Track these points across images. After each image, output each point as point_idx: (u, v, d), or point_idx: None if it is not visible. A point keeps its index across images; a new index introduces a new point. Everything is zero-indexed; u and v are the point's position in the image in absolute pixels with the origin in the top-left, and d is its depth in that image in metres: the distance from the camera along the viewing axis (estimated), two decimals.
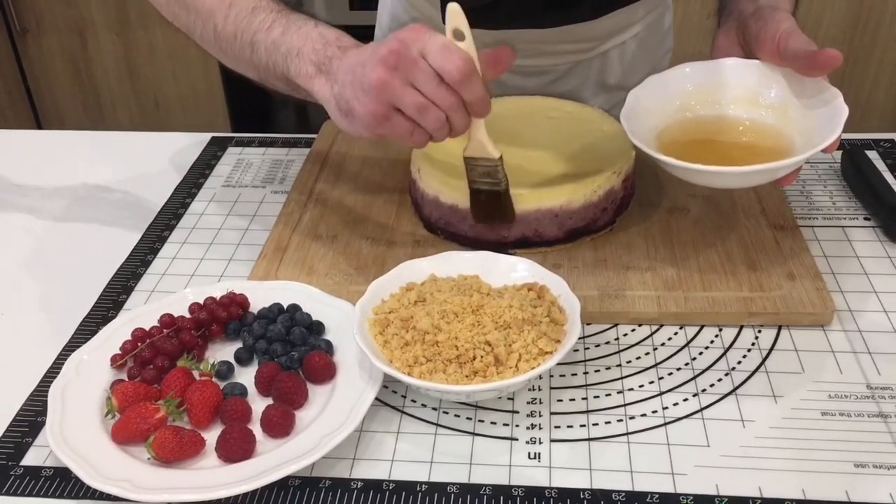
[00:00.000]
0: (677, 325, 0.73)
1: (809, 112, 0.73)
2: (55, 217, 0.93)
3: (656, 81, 0.78)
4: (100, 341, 0.70)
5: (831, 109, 0.70)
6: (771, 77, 0.75)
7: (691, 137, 0.76)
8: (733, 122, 0.77)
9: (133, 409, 0.62)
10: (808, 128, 0.72)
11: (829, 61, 0.69)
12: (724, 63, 0.77)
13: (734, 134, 0.77)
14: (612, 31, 0.99)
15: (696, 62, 0.78)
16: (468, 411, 0.66)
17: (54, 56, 2.01)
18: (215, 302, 0.73)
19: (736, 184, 0.74)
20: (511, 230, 0.79)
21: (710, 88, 0.78)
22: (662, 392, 0.66)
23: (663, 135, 0.76)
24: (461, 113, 0.66)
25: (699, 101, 0.78)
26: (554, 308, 0.68)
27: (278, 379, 0.65)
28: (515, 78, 1.01)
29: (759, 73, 0.76)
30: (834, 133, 0.67)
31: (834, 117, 0.69)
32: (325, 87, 0.69)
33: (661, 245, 0.80)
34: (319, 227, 0.85)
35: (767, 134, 0.75)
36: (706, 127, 0.77)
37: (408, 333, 0.66)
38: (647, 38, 1.04)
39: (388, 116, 0.65)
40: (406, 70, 0.64)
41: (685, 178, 0.70)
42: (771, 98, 0.76)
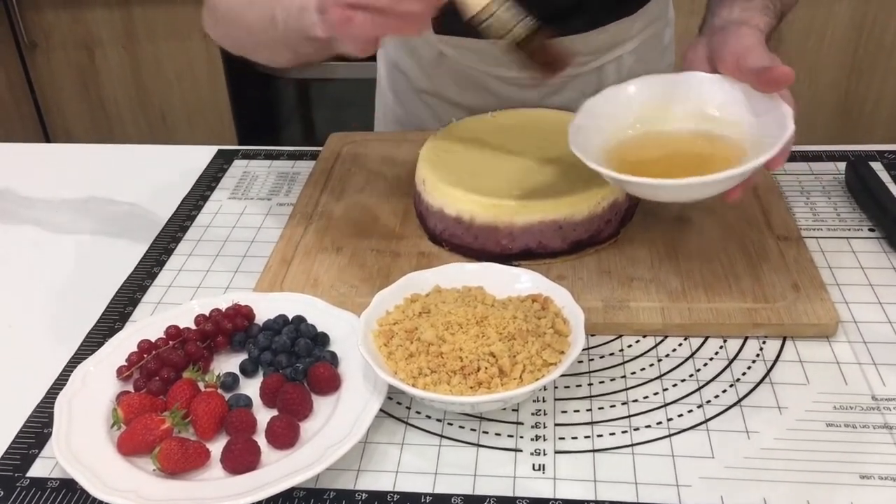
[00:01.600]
0: (682, 337, 0.73)
1: (762, 129, 0.71)
2: (62, 229, 0.93)
3: (609, 94, 0.77)
4: (106, 353, 0.71)
5: (779, 128, 0.68)
6: (729, 93, 0.74)
7: (644, 151, 0.75)
8: (685, 137, 0.76)
9: (139, 421, 0.63)
10: (758, 144, 0.70)
11: (781, 78, 0.68)
12: (683, 77, 0.77)
13: (685, 148, 0.75)
14: (608, 45, 1.00)
15: (655, 75, 0.78)
16: (472, 422, 0.66)
17: (62, 70, 2.03)
18: (221, 313, 0.73)
19: (675, 196, 0.72)
20: (515, 242, 0.79)
21: (667, 102, 0.77)
22: (667, 403, 0.66)
23: (616, 149, 0.75)
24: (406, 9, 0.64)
25: (654, 115, 0.77)
26: (558, 319, 0.68)
27: (283, 390, 0.65)
28: (512, 90, 1.02)
29: (717, 88, 0.74)
30: (773, 149, 0.66)
31: (779, 136, 0.67)
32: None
33: (665, 256, 0.80)
34: (324, 240, 0.85)
35: (722, 149, 0.74)
36: (657, 142, 0.76)
37: (412, 345, 0.66)
38: (646, 53, 1.04)
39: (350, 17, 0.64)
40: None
41: (629, 190, 0.70)
42: (728, 114, 0.74)
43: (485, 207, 0.79)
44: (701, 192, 0.69)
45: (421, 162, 0.86)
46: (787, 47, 1.79)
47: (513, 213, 0.78)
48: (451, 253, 0.82)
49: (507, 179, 0.82)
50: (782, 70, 0.69)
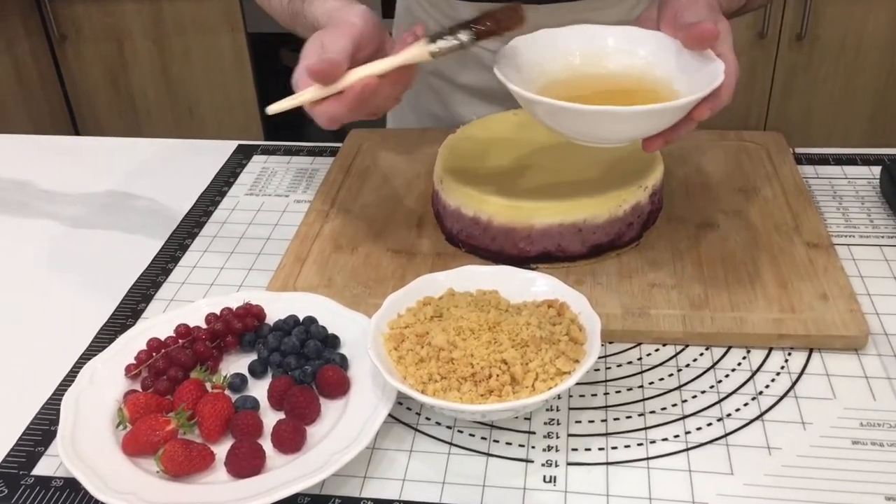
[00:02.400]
0: (703, 346, 0.70)
1: (693, 85, 0.69)
2: (78, 223, 0.93)
3: (543, 35, 0.76)
4: (115, 350, 0.70)
5: (710, 79, 0.67)
6: (665, 49, 0.72)
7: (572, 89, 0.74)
8: (616, 84, 0.75)
9: (144, 421, 0.62)
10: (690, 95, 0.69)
11: (703, 34, 0.67)
12: (619, 30, 0.76)
13: (616, 91, 0.75)
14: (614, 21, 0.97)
15: (591, 25, 0.77)
16: (483, 431, 0.64)
17: (92, 63, 2.04)
18: (231, 313, 0.72)
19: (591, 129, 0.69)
20: (533, 245, 0.77)
21: (600, 53, 0.76)
22: (685, 416, 0.64)
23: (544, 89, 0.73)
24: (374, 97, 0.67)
25: (585, 63, 0.76)
26: (573, 326, 0.66)
27: (290, 393, 0.64)
28: None
29: (653, 44, 0.74)
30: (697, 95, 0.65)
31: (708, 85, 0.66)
32: None
33: (688, 262, 0.78)
34: (340, 238, 0.84)
35: (651, 98, 0.72)
36: (588, 83, 0.75)
37: (423, 349, 0.64)
38: None
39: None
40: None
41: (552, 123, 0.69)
42: (658, 69, 0.73)
43: (503, 209, 0.77)
44: (621, 126, 0.68)
45: (439, 160, 0.84)
46: (823, 45, 1.74)
47: (531, 215, 0.76)
48: (467, 254, 0.81)
49: (526, 180, 0.80)
50: (705, 26, 0.67)
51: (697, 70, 0.70)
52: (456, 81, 1.05)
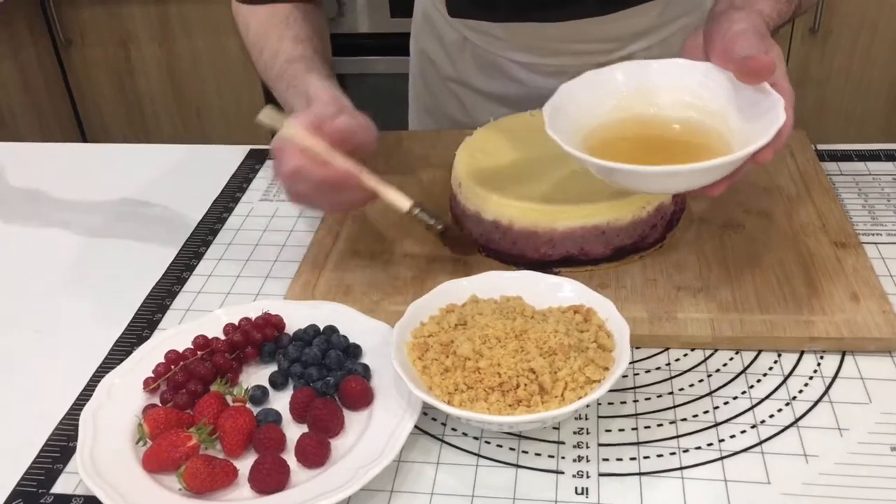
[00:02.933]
0: (732, 350, 0.69)
1: (749, 120, 0.66)
2: (92, 233, 0.92)
3: (591, 77, 0.73)
4: (133, 363, 0.69)
5: (769, 118, 0.63)
6: (716, 81, 0.69)
7: (623, 139, 0.71)
8: (668, 125, 0.72)
9: (164, 437, 0.61)
10: (746, 137, 0.65)
11: (760, 68, 0.64)
12: (667, 63, 0.72)
13: (667, 137, 0.71)
14: (634, 32, 0.96)
15: (639, 61, 0.74)
16: (511, 441, 0.63)
17: (98, 67, 2.03)
18: (250, 323, 0.71)
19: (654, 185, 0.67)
20: (555, 248, 0.76)
21: (649, 89, 0.72)
22: (718, 423, 0.63)
23: (593, 136, 0.70)
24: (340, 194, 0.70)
25: (634, 102, 0.72)
26: (601, 332, 0.64)
27: (313, 406, 0.63)
28: (537, 78, 0.99)
29: (703, 75, 0.70)
30: (763, 140, 0.61)
31: (770, 125, 0.62)
32: None
33: (714, 264, 0.76)
34: (358, 244, 0.83)
35: (704, 139, 0.69)
36: (638, 129, 0.72)
37: (448, 359, 0.63)
38: (678, 44, 0.99)
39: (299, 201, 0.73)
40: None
41: (606, 179, 0.66)
42: (711, 103, 0.70)
43: (523, 212, 0.75)
44: (682, 182, 0.65)
45: (456, 163, 0.83)
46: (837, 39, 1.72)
47: (553, 219, 0.75)
48: (487, 259, 0.79)
49: (547, 182, 0.78)
50: (761, 60, 0.64)
51: (754, 104, 0.66)
52: (478, 88, 1.03)
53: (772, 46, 0.65)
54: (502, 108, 1.03)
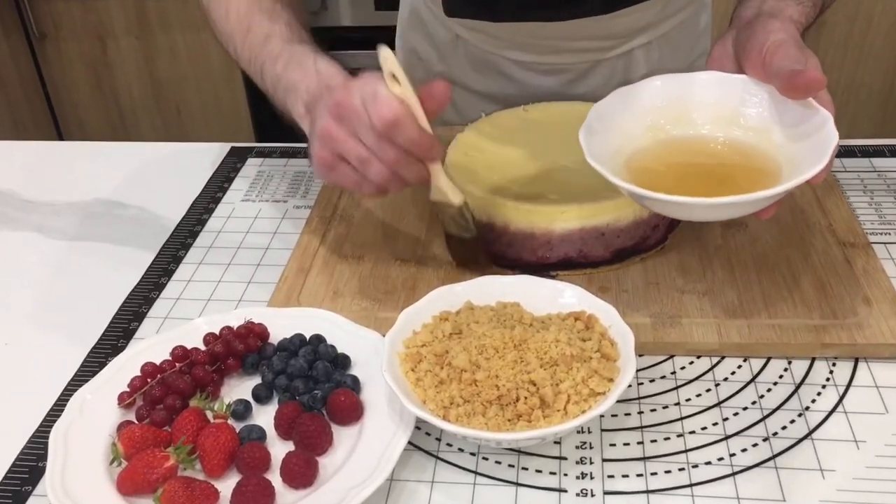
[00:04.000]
0: (740, 357, 0.66)
1: (795, 137, 0.63)
2: (65, 235, 0.87)
3: (623, 95, 0.68)
4: (106, 377, 0.65)
5: (820, 136, 0.60)
6: (756, 95, 0.65)
7: (663, 164, 0.67)
8: (710, 145, 0.67)
9: (140, 457, 0.57)
10: (794, 154, 0.62)
11: (810, 84, 0.60)
12: (702, 77, 0.68)
13: (710, 159, 0.67)
14: (636, 28, 0.92)
15: (671, 74, 0.69)
16: (510, 457, 0.59)
17: (73, 62, 1.97)
18: (232, 332, 0.67)
19: (705, 216, 0.64)
20: (553, 251, 0.72)
21: (686, 105, 0.68)
22: (728, 436, 0.59)
23: (633, 159, 0.66)
24: (407, 163, 0.63)
25: (672, 120, 0.68)
26: (605, 341, 0.61)
27: (300, 422, 0.59)
28: (533, 76, 0.95)
29: (741, 90, 0.66)
30: (820, 163, 0.57)
31: (820, 145, 0.59)
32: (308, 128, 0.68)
33: (718, 266, 0.73)
34: (344, 247, 0.79)
35: (749, 159, 0.65)
36: (679, 150, 0.67)
37: (442, 371, 0.59)
38: (678, 38, 0.97)
39: (333, 166, 0.64)
40: (349, 121, 0.62)
41: (652, 208, 0.62)
42: (753, 119, 0.66)
43: (520, 213, 0.72)
44: (736, 211, 0.61)
45: (447, 162, 0.79)
46: (831, 31, 1.69)
47: (551, 219, 0.71)
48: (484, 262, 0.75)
49: (544, 181, 0.75)
50: (810, 76, 0.59)
51: (799, 120, 0.62)
52: (470, 87, 0.99)
53: (810, 57, 0.62)
54: (494, 107, 1.00)
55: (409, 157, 0.63)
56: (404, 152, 0.62)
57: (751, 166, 0.65)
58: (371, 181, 0.64)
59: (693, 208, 0.59)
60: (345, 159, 0.63)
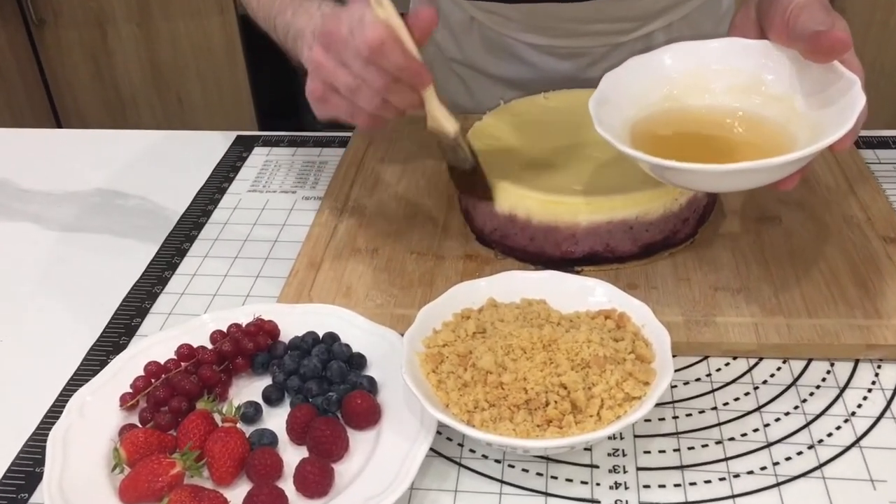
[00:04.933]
0: (779, 359, 0.62)
1: (819, 103, 0.60)
2: (64, 226, 0.84)
3: (638, 63, 0.66)
4: (108, 377, 0.61)
5: (845, 100, 0.57)
6: (777, 61, 0.62)
7: (674, 130, 0.64)
8: (726, 114, 0.65)
9: (144, 464, 0.53)
10: (817, 122, 0.59)
11: (835, 45, 0.56)
12: (721, 44, 0.65)
13: (726, 128, 0.64)
14: (655, 10, 0.89)
15: (688, 42, 0.66)
16: (538, 465, 0.55)
17: (73, 49, 1.93)
18: (240, 330, 0.63)
19: (717, 186, 0.61)
20: (578, 245, 0.69)
21: (703, 74, 0.65)
22: (770, 443, 0.56)
23: (639, 125, 0.64)
24: (397, 89, 0.61)
25: (687, 89, 0.66)
26: (639, 341, 0.57)
27: (314, 426, 0.55)
28: (549, 60, 0.92)
29: (761, 55, 0.63)
30: (843, 126, 0.54)
31: (846, 109, 0.56)
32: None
33: (752, 261, 0.69)
34: (358, 240, 0.75)
35: (767, 128, 0.63)
36: (693, 119, 0.65)
37: (466, 372, 0.56)
38: (700, 20, 0.93)
39: (325, 97, 0.64)
40: (337, 49, 0.61)
41: (662, 178, 0.59)
42: (774, 86, 0.63)
43: (544, 205, 0.68)
44: (753, 179, 0.57)
45: None
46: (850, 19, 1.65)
47: (577, 212, 0.68)
48: (503, 257, 0.72)
49: (568, 172, 0.71)
50: (836, 36, 0.56)
51: (824, 85, 0.59)
52: (485, 71, 0.96)
53: (838, 19, 0.58)
54: (510, 92, 0.96)
55: (398, 82, 0.61)
56: (392, 77, 0.60)
57: (770, 134, 0.62)
58: (363, 109, 0.62)
59: (700, 176, 0.56)
60: (335, 89, 0.62)
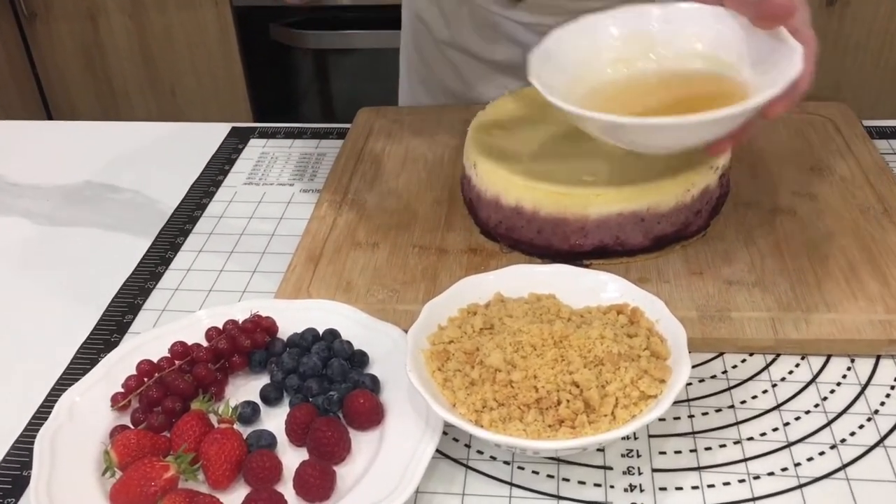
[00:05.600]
0: (797, 355, 0.60)
1: (764, 70, 0.60)
2: (54, 221, 0.81)
3: (587, 24, 0.65)
4: (98, 376, 0.58)
5: (784, 67, 0.57)
6: (730, 28, 0.62)
7: (626, 96, 0.64)
8: (675, 79, 0.65)
9: (136, 467, 0.50)
10: (759, 89, 0.59)
11: (776, 11, 0.57)
12: (675, 9, 0.65)
13: (674, 91, 0.64)
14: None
15: (640, 5, 0.66)
16: (549, 467, 0.53)
17: (64, 42, 1.90)
18: (237, 327, 0.60)
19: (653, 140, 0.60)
20: (587, 238, 0.66)
21: (654, 39, 0.65)
22: (791, 443, 0.53)
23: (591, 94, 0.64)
24: None
25: (637, 52, 0.66)
26: (653, 338, 0.55)
27: (315, 427, 0.53)
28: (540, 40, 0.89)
29: (714, 22, 0.63)
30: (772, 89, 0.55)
31: (782, 77, 0.56)
32: None
33: (766, 254, 0.67)
34: (358, 233, 0.73)
35: (716, 94, 0.62)
36: (645, 85, 0.65)
37: (473, 370, 0.53)
38: None
39: None
40: None
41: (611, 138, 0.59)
42: (725, 54, 0.63)
43: (552, 196, 0.66)
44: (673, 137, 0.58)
45: (470, 142, 0.73)
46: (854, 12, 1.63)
47: (586, 204, 0.65)
48: (508, 250, 0.69)
49: (577, 162, 0.68)
50: (776, 2, 0.57)
51: (769, 53, 0.59)
52: (477, 54, 0.93)
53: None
54: (502, 77, 0.94)
55: None
56: None
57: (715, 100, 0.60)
58: None
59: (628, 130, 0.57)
60: None
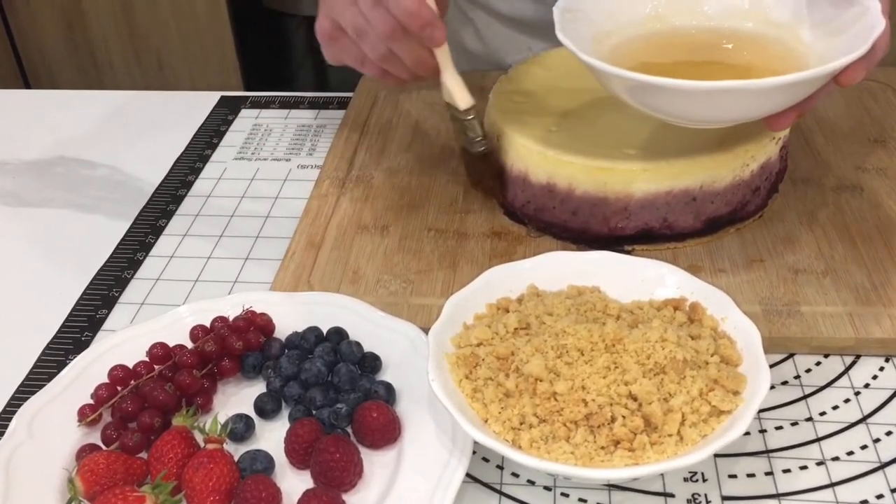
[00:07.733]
0: (881, 357, 0.52)
1: (830, 32, 0.53)
2: (20, 201, 0.72)
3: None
4: (64, 384, 0.50)
5: (859, 26, 0.50)
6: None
7: (660, 55, 0.58)
8: (719, 40, 0.59)
9: (107, 497, 0.42)
10: (825, 53, 0.53)
11: None
12: None
13: (723, 53, 0.58)
14: None
15: None
16: (598, 494, 0.45)
17: (44, 10, 1.81)
18: (227, 325, 0.52)
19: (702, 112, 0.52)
20: (630, 220, 0.58)
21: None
22: (884, 464, 0.45)
23: (621, 49, 0.58)
24: (405, 38, 0.57)
25: (677, 8, 0.60)
26: (722, 340, 0.47)
27: (320, 448, 0.44)
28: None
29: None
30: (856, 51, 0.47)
31: (859, 36, 0.49)
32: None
33: (835, 238, 0.59)
34: (364, 215, 0.64)
35: (768, 58, 0.56)
36: (684, 43, 0.59)
37: (508, 379, 0.45)
38: None
39: (333, 36, 0.61)
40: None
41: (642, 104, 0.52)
42: (778, 13, 0.57)
43: (590, 172, 0.57)
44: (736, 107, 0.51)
45: (492, 110, 0.64)
46: None
47: (630, 181, 0.57)
48: (537, 234, 0.61)
49: (616, 134, 0.60)
50: None
51: (835, 12, 0.53)
52: (496, 10, 0.85)
53: None
54: (523, 36, 0.85)
55: (406, 32, 0.56)
56: (399, 24, 0.56)
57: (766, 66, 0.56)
58: (370, 59, 0.60)
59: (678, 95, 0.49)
60: (343, 29, 0.59)
